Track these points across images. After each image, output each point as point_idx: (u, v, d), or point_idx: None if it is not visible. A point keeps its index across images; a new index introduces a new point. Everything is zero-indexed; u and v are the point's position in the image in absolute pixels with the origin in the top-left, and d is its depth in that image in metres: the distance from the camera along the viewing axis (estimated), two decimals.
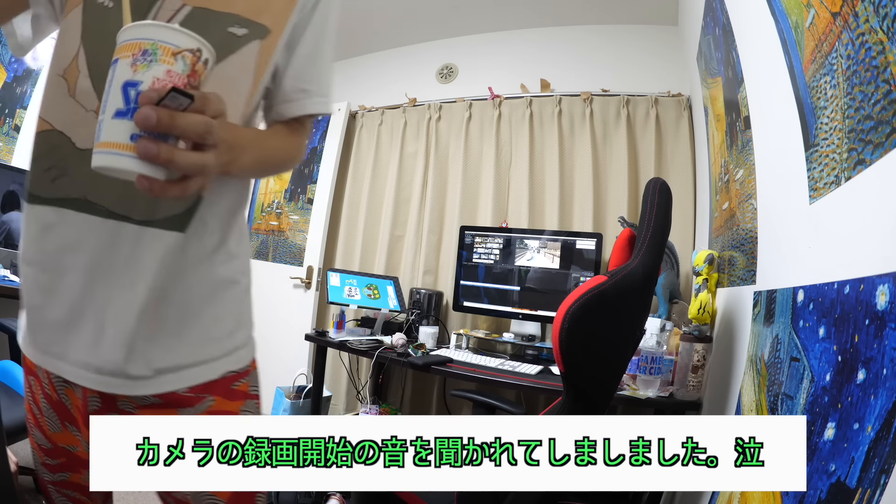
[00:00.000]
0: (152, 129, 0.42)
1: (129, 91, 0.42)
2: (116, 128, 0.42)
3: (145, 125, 0.41)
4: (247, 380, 0.73)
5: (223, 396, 0.70)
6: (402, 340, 2.00)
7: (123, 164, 0.42)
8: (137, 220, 0.62)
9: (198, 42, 0.46)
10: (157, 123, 0.42)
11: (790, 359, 0.84)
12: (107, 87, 0.44)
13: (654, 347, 1.52)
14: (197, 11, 0.64)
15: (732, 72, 1.41)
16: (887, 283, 0.56)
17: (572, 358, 0.89)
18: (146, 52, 0.43)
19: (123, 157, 0.42)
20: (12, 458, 1.15)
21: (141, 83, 0.43)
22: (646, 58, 2.47)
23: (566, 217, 2.45)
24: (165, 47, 0.43)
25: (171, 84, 0.43)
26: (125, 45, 0.44)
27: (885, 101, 0.60)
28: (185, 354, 0.67)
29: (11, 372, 1.61)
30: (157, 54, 0.43)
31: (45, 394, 0.70)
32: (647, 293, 1.04)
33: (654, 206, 0.99)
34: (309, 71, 0.74)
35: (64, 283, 0.63)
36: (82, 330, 0.63)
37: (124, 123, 0.42)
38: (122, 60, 0.43)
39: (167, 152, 0.43)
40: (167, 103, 0.42)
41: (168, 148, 0.43)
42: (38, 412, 0.71)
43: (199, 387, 0.68)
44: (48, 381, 0.69)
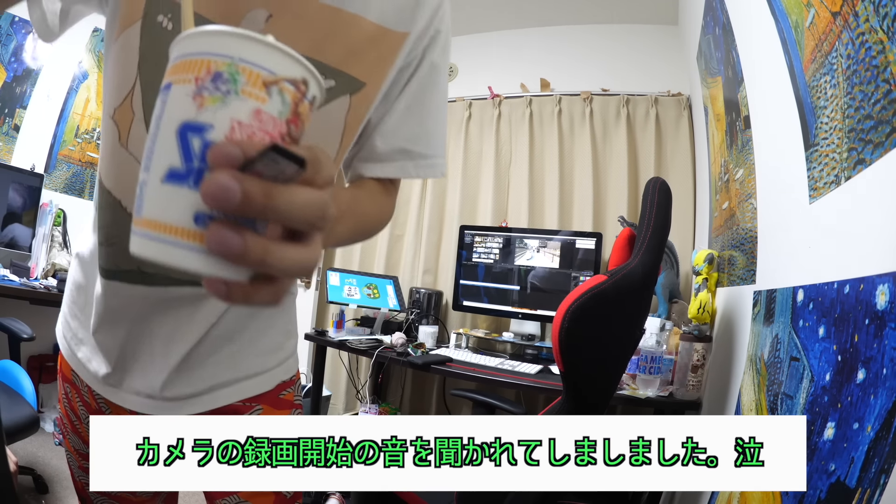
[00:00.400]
0: (231, 212, 0.25)
1: (191, 139, 0.26)
2: (170, 199, 0.26)
3: (220, 205, 0.24)
4: (293, 389, 0.71)
5: (271, 405, 0.67)
6: (401, 340, 2.00)
7: (182, 262, 0.26)
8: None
9: (303, 68, 0.28)
10: (243, 204, 0.24)
11: (790, 358, 0.84)
12: (153, 128, 0.28)
13: (653, 347, 1.52)
14: None
15: (732, 71, 1.41)
16: (887, 283, 0.56)
17: (572, 357, 0.89)
18: (220, 78, 0.26)
19: (183, 251, 0.26)
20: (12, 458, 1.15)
21: (210, 127, 0.26)
22: (646, 57, 2.47)
23: (566, 216, 2.45)
24: (253, 72, 0.26)
25: (264, 133, 0.27)
26: (183, 63, 0.27)
27: (885, 100, 0.60)
28: (242, 368, 0.65)
29: (11, 372, 1.61)
30: (237, 82, 0.26)
31: (83, 402, 0.67)
32: (647, 293, 1.05)
33: (653, 205, 0.99)
34: (410, 127, 0.62)
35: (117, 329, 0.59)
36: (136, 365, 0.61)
37: (183, 193, 0.26)
38: (177, 87, 0.27)
39: (259, 250, 0.26)
40: (259, 168, 0.25)
41: (260, 242, 0.26)
42: (74, 418, 0.69)
43: (253, 397, 0.66)
44: (88, 391, 0.66)
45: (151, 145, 0.27)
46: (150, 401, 0.62)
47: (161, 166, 0.26)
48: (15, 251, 2.32)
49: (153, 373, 0.61)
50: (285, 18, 0.51)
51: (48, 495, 1.79)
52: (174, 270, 0.27)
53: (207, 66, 0.26)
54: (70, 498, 1.80)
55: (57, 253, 2.37)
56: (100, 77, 2.77)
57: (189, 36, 0.28)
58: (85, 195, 2.74)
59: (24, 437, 1.41)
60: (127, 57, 0.50)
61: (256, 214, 0.26)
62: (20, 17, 2.46)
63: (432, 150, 0.65)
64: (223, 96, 0.26)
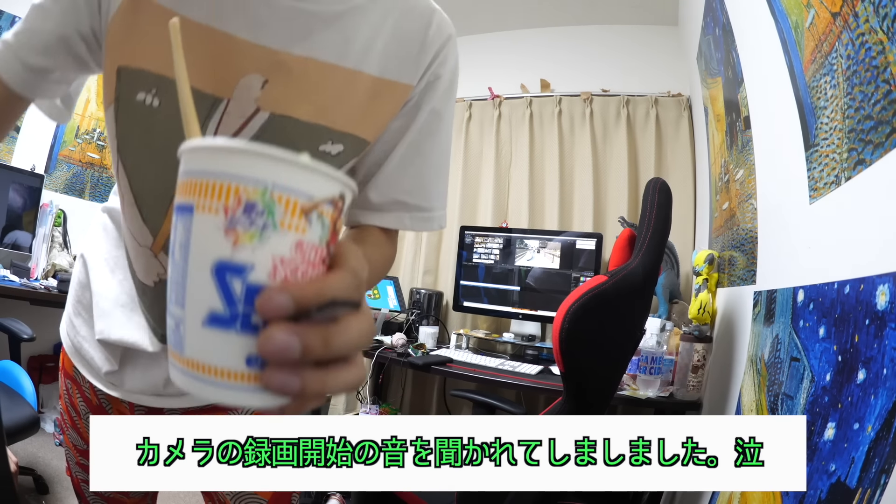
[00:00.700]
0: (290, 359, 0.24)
1: (231, 281, 0.23)
2: (217, 344, 0.24)
3: (282, 359, 0.24)
4: None
5: None
6: (401, 340, 2.00)
7: (240, 400, 0.25)
8: None
9: (340, 184, 0.25)
10: (304, 355, 0.24)
11: (790, 359, 0.83)
12: (178, 256, 0.25)
13: (654, 347, 1.52)
14: (278, 120, 0.49)
15: (732, 72, 1.41)
16: (887, 283, 0.56)
17: (572, 358, 0.89)
18: (254, 209, 0.23)
19: (239, 392, 0.25)
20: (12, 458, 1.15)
21: (251, 268, 0.23)
22: (646, 58, 2.47)
23: (566, 217, 2.45)
24: (290, 200, 0.24)
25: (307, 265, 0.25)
26: (205, 185, 0.24)
27: (885, 101, 0.60)
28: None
29: (11, 372, 1.61)
30: (274, 214, 0.23)
31: (84, 397, 0.68)
32: (647, 293, 1.05)
33: (654, 206, 0.99)
34: (407, 179, 0.58)
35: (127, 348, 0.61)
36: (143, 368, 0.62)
37: (231, 339, 0.24)
38: (203, 216, 0.24)
39: (318, 384, 0.25)
40: (319, 316, 0.25)
41: (317, 377, 0.25)
42: (74, 414, 0.70)
43: None
44: (89, 387, 0.67)
45: (182, 280, 0.24)
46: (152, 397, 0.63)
47: (200, 308, 0.24)
48: (15, 251, 2.32)
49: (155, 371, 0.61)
50: (282, 82, 0.48)
51: (48, 496, 1.79)
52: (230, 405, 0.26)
53: (237, 193, 0.23)
54: (70, 498, 1.80)
55: (57, 253, 2.37)
56: (100, 78, 2.76)
57: (203, 149, 0.24)
58: (85, 195, 2.74)
59: (25, 437, 1.41)
60: (109, 135, 0.50)
61: (315, 359, 0.25)
62: (20, 17, 2.46)
63: (430, 202, 0.61)
64: (260, 231, 0.23)
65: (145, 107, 0.47)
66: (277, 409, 0.26)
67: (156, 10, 0.47)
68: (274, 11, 0.48)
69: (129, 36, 0.47)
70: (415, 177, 0.59)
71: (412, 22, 0.54)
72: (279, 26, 0.48)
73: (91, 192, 2.77)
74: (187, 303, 0.24)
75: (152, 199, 0.49)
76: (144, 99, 0.47)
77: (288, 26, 0.48)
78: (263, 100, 0.49)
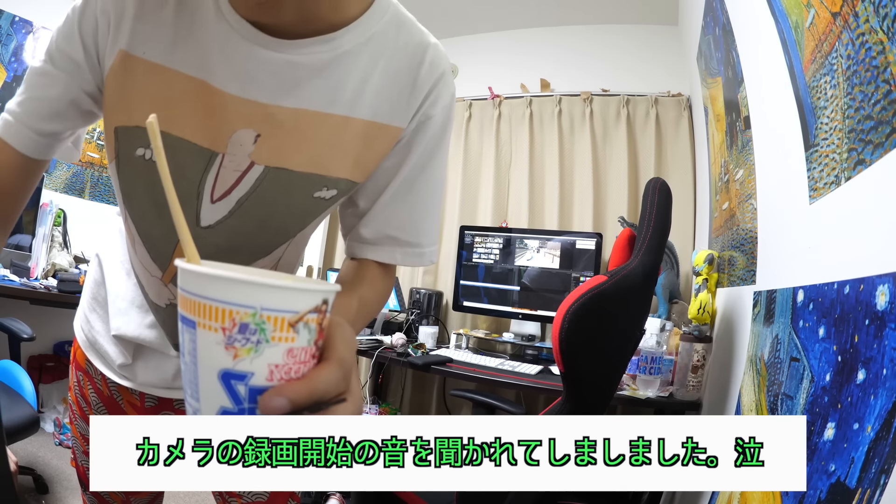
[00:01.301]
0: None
1: (236, 386, 0.29)
2: None
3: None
4: None
5: None
6: (401, 340, 2.00)
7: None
8: None
9: (322, 293, 0.30)
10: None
11: (790, 359, 0.84)
12: (189, 362, 0.30)
13: (653, 347, 1.52)
14: (273, 172, 0.51)
15: (732, 72, 1.41)
16: (887, 283, 0.56)
17: (572, 358, 0.89)
18: (247, 329, 0.28)
19: None
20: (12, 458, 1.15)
21: (251, 375, 0.29)
22: (646, 58, 2.47)
23: (566, 217, 2.45)
24: (278, 318, 0.28)
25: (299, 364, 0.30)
26: (204, 307, 0.28)
27: (885, 101, 0.60)
28: None
29: (11, 372, 1.61)
30: (265, 331, 0.28)
31: (96, 389, 0.71)
32: (647, 293, 1.05)
33: (653, 206, 0.99)
34: (397, 216, 0.59)
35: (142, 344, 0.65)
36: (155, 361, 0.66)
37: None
38: (204, 332, 0.28)
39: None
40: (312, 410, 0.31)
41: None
42: (84, 404, 0.72)
43: None
44: (102, 380, 0.70)
45: (195, 380, 0.30)
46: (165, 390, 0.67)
47: (213, 405, 0.30)
48: (15, 251, 2.32)
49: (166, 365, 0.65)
50: (274, 135, 0.49)
51: (48, 495, 1.79)
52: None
53: (231, 316, 0.27)
54: (70, 498, 1.80)
55: (57, 253, 2.36)
56: None
57: (203, 277, 0.28)
58: (85, 195, 2.74)
59: (24, 437, 1.40)
60: (114, 187, 0.53)
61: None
62: (20, 17, 2.46)
63: (419, 238, 0.61)
64: (255, 346, 0.28)
65: (145, 161, 0.48)
66: None
67: (146, 67, 0.47)
68: (260, 65, 0.48)
69: (122, 95, 0.48)
70: (406, 214, 0.59)
71: (403, 61, 0.54)
72: (267, 80, 0.48)
73: (91, 192, 2.77)
74: (202, 400, 0.30)
75: (160, 241, 0.52)
76: (143, 154, 0.48)
77: (276, 79, 0.48)
78: (257, 154, 0.50)
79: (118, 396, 0.69)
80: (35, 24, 2.51)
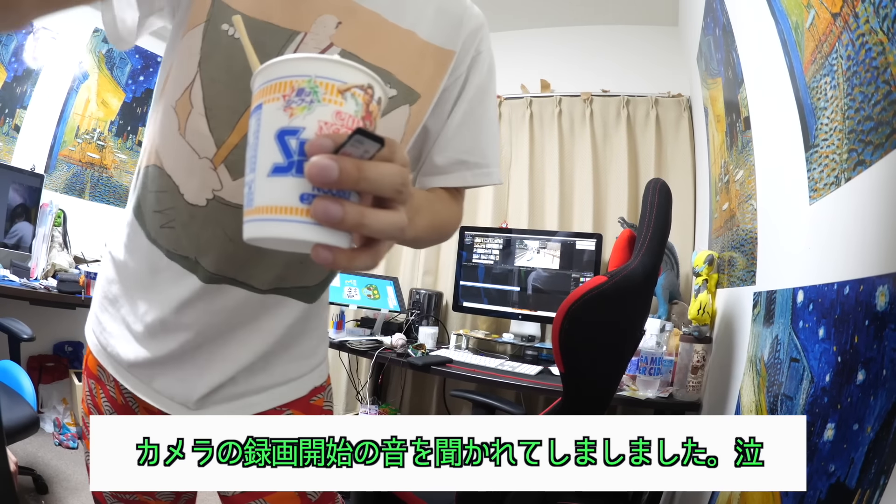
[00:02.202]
0: (331, 186, 0.31)
1: (289, 141, 0.32)
2: (277, 187, 0.32)
3: (323, 180, 0.30)
4: (323, 395, 0.71)
5: (301, 411, 0.68)
6: (401, 341, 2.00)
7: (294, 233, 0.32)
8: (260, 289, 0.59)
9: (368, 77, 0.34)
10: (341, 178, 0.30)
11: (790, 359, 0.84)
12: (252, 140, 0.34)
13: (653, 348, 1.52)
14: (348, 56, 0.53)
15: (732, 72, 1.41)
16: (887, 284, 0.56)
17: (572, 358, 0.89)
18: (303, 92, 0.32)
19: (293, 224, 0.31)
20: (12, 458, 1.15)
21: (303, 129, 0.32)
22: (646, 58, 2.47)
23: (566, 217, 2.45)
24: (329, 84, 0.32)
25: (346, 128, 0.32)
26: (270, 87, 0.33)
27: (885, 101, 0.60)
28: (277, 375, 0.65)
29: (11, 372, 1.61)
30: (318, 93, 0.32)
31: (109, 397, 0.67)
32: (647, 294, 1.04)
33: (653, 206, 0.99)
34: (465, 141, 0.66)
35: (166, 331, 0.60)
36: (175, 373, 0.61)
37: (288, 181, 0.32)
38: (268, 105, 0.33)
39: (356, 214, 0.32)
40: (348, 150, 0.31)
41: (356, 208, 0.32)
42: (96, 413, 0.68)
43: (285, 403, 0.67)
44: (115, 386, 0.66)
45: (254, 153, 0.33)
46: (181, 407, 0.62)
47: (266, 165, 0.32)
48: (15, 251, 2.32)
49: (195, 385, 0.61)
50: (353, 25, 0.56)
51: (48, 495, 1.79)
52: (286, 244, 0.34)
53: (291, 84, 0.32)
54: (70, 498, 1.80)
55: (57, 253, 2.37)
56: (101, 78, 2.77)
57: (267, 66, 0.33)
58: (85, 195, 2.74)
59: (24, 437, 1.40)
60: (189, 54, 0.54)
61: (351, 186, 0.32)
62: None
63: (487, 159, 0.68)
64: (308, 105, 0.32)
65: (228, 36, 0.53)
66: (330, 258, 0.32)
67: None
68: None
69: None
70: (472, 140, 0.66)
71: (452, 3, 0.64)
72: None
73: (91, 192, 2.77)
74: (258, 164, 0.33)
75: (224, 111, 0.54)
76: (228, 30, 0.53)
77: None
78: (337, 37, 0.56)
79: (133, 404, 0.65)
80: (35, 23, 2.51)
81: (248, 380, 0.63)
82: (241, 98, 0.50)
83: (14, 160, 2.45)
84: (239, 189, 0.52)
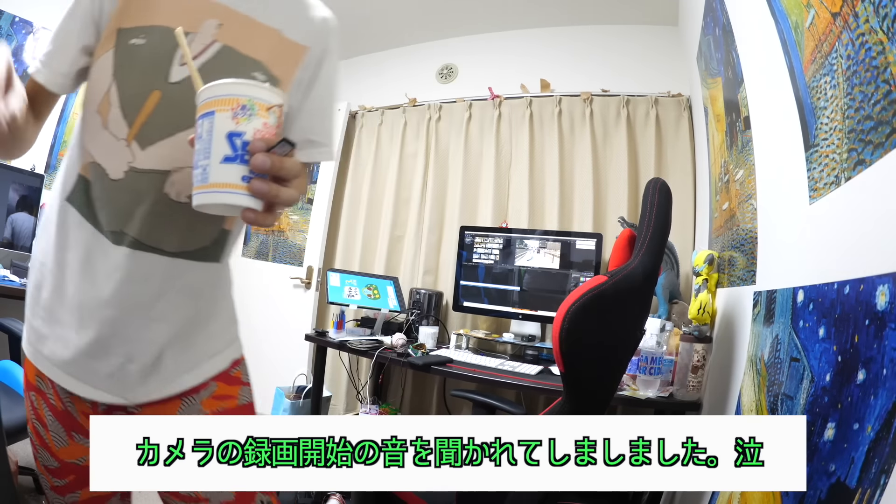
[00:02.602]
0: (263, 172, 0.49)
1: (235, 140, 0.49)
2: (227, 171, 0.49)
3: (261, 169, 0.49)
4: (240, 368, 0.81)
5: (224, 382, 0.77)
6: (401, 340, 2.00)
7: (236, 200, 0.49)
8: (169, 251, 0.69)
9: (281, 98, 0.52)
10: (271, 168, 0.49)
11: (790, 359, 0.84)
12: (205, 136, 0.49)
13: (653, 348, 1.52)
14: (226, 51, 0.69)
15: (732, 72, 1.41)
16: (887, 284, 0.56)
17: (572, 358, 0.89)
18: (245, 108, 0.49)
19: (236, 195, 0.49)
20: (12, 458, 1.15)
21: (244, 133, 0.49)
22: (646, 58, 2.47)
23: (566, 217, 2.45)
24: (260, 103, 0.50)
25: (270, 133, 0.51)
26: (221, 100, 0.49)
27: (885, 101, 0.60)
28: (200, 353, 0.75)
29: (11, 372, 1.61)
30: (254, 109, 0.49)
31: (49, 405, 0.71)
32: (647, 293, 1.04)
33: (653, 206, 0.99)
34: (315, 124, 0.78)
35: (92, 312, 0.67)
36: (107, 360, 0.68)
37: (234, 167, 0.49)
38: (220, 113, 0.49)
39: (275, 190, 0.50)
40: (276, 150, 0.49)
41: (274, 186, 0.50)
42: (42, 430, 0.73)
43: (211, 377, 0.76)
44: (53, 391, 0.71)
45: (209, 144, 0.49)
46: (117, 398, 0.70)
47: (219, 155, 0.49)
48: (15, 251, 2.32)
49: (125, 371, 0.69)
50: (231, 28, 0.70)
51: None
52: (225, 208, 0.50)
53: (237, 101, 0.49)
54: None
55: None
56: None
57: (220, 84, 0.50)
58: None
59: (25, 437, 1.40)
60: (104, 70, 0.66)
61: (274, 173, 0.50)
62: (20, 17, 2.46)
63: (330, 140, 0.81)
64: (248, 117, 0.49)
65: (135, 46, 0.66)
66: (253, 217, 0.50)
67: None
68: None
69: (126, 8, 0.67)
70: (320, 123, 0.79)
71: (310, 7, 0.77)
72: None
73: None
74: (212, 153, 0.49)
75: (133, 99, 0.66)
76: (135, 42, 0.66)
77: None
78: (219, 35, 0.69)
79: (72, 407, 0.71)
80: (35, 24, 2.51)
81: (176, 359, 0.72)
82: (146, 87, 0.65)
83: (14, 160, 2.45)
84: (149, 158, 0.66)
